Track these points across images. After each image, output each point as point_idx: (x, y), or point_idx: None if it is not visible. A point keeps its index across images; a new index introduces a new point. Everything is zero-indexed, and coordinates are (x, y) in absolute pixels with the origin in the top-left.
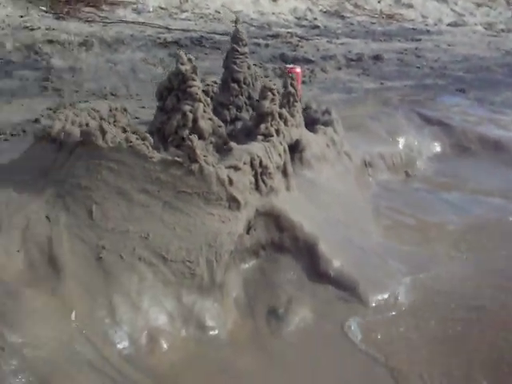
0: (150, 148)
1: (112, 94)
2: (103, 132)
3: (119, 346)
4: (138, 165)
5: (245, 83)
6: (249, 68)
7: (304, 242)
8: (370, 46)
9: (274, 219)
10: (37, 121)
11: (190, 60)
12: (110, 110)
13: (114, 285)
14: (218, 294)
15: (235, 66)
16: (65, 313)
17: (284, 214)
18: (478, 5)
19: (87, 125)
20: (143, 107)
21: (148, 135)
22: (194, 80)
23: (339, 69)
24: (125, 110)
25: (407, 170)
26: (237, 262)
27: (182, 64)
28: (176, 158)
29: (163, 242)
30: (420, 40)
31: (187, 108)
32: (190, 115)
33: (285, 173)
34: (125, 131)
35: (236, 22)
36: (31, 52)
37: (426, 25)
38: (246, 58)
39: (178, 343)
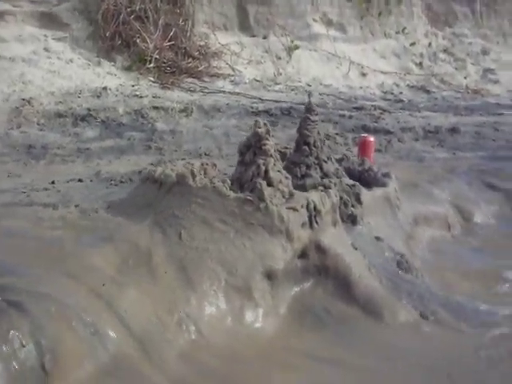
0: (228, 188)
1: (206, 154)
2: (193, 175)
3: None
4: (219, 201)
5: (314, 146)
6: (318, 133)
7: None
8: (450, 120)
9: (321, 250)
10: (140, 172)
11: (265, 124)
12: (202, 165)
13: (191, 285)
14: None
15: (307, 132)
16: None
17: (328, 247)
18: None
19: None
20: (231, 166)
21: (227, 179)
22: (267, 139)
23: (416, 140)
24: (214, 165)
25: (451, 229)
26: (289, 280)
27: (259, 127)
28: (248, 197)
29: (232, 260)
30: (501, 114)
31: (261, 161)
32: (263, 167)
33: (334, 216)
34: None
35: (309, 95)
36: (139, 116)
37: (511, 99)
38: (316, 124)
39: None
